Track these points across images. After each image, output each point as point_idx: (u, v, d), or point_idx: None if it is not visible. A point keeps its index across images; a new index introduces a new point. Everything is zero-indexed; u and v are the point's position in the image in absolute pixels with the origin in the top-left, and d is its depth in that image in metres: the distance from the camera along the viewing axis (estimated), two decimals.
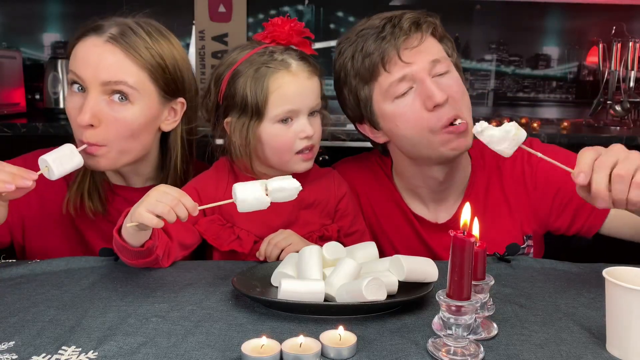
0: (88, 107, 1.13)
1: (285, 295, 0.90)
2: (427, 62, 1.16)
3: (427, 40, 1.18)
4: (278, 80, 1.17)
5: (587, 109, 2.86)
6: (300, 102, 1.18)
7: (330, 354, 0.76)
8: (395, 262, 0.96)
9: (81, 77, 1.14)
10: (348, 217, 1.31)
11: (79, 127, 1.15)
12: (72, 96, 1.18)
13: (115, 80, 1.13)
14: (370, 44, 1.17)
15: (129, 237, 1.03)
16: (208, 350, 0.78)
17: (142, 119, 1.17)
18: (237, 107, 1.19)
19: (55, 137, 1.27)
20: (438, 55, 1.18)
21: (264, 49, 1.20)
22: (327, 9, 2.92)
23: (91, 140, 1.14)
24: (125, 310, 0.91)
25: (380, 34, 1.16)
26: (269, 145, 1.19)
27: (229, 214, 1.22)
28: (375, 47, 1.16)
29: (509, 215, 1.29)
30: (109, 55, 1.14)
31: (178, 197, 0.97)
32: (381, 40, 1.16)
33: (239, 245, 1.20)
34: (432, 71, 1.17)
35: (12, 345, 0.79)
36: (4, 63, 2.48)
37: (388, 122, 1.21)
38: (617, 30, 2.81)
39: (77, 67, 1.16)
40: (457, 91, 1.18)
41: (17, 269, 1.08)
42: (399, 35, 1.15)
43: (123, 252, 1.06)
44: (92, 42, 1.16)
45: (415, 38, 1.16)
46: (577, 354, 0.78)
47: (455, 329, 0.74)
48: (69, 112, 1.18)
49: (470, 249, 0.72)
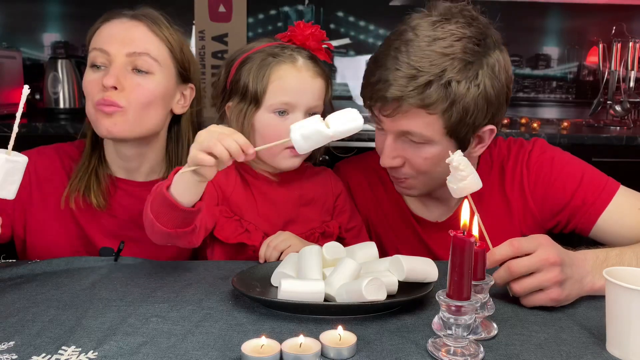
0: (113, 72, 1.18)
1: (285, 295, 0.90)
2: (396, 129, 1.13)
3: (407, 114, 1.10)
4: (280, 71, 1.19)
5: (587, 109, 2.86)
6: (298, 97, 1.18)
7: (330, 354, 0.76)
8: (395, 262, 0.96)
9: (107, 50, 1.19)
10: (346, 213, 1.32)
11: (101, 90, 1.18)
12: (91, 73, 1.21)
13: (139, 52, 1.20)
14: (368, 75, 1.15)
15: (181, 195, 0.97)
16: (208, 350, 0.78)
17: (161, 89, 1.22)
18: (239, 92, 1.22)
19: (55, 137, 1.27)
20: (415, 129, 1.11)
21: (279, 44, 1.23)
22: (327, 9, 2.92)
23: (114, 99, 1.17)
24: (125, 310, 0.91)
25: (372, 77, 1.13)
26: (261, 134, 1.20)
27: (238, 207, 1.22)
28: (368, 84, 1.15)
29: (509, 217, 1.29)
30: (134, 30, 1.22)
31: (228, 133, 0.95)
32: (370, 87, 1.14)
33: (247, 238, 1.20)
34: (403, 137, 1.14)
35: (12, 345, 0.79)
36: (4, 63, 2.49)
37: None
38: (617, 30, 2.80)
39: (103, 42, 1.20)
40: (420, 164, 1.16)
41: (17, 269, 1.08)
42: (378, 98, 1.11)
43: (168, 215, 0.99)
44: (118, 21, 1.23)
45: (390, 107, 1.10)
46: (577, 354, 0.78)
47: (455, 329, 0.74)
48: (87, 85, 1.22)
49: (470, 249, 0.72)
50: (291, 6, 2.90)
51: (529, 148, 1.30)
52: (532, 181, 1.27)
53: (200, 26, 2.57)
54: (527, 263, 0.92)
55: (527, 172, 1.28)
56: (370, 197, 1.37)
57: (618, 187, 1.22)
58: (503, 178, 1.30)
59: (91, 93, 1.20)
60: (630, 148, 2.29)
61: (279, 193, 1.26)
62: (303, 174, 1.29)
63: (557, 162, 1.26)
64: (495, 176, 1.31)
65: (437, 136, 1.12)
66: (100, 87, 1.18)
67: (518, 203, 1.28)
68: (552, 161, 1.27)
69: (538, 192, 1.27)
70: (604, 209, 1.20)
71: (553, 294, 0.92)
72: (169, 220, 1.00)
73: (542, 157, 1.27)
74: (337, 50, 2.93)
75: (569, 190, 1.23)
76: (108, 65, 1.20)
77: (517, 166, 1.29)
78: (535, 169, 1.27)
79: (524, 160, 1.29)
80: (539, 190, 1.27)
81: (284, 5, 2.90)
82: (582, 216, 1.23)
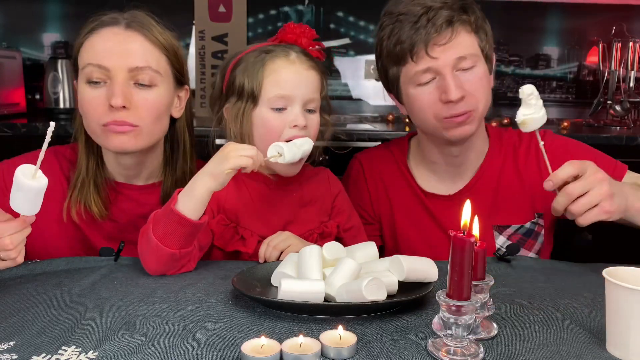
0: (119, 90, 1.14)
1: (285, 295, 0.90)
2: (452, 58, 1.22)
3: (459, 36, 1.22)
4: (274, 65, 1.20)
5: (587, 109, 2.86)
6: (294, 89, 1.19)
7: (330, 354, 0.76)
8: (395, 262, 0.96)
9: (106, 66, 1.15)
10: (344, 213, 1.33)
11: (108, 110, 1.15)
12: (90, 90, 1.17)
13: (142, 66, 1.17)
14: (405, 31, 1.22)
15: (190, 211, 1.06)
16: (208, 350, 0.78)
17: (165, 100, 1.22)
18: (235, 92, 1.22)
19: (55, 137, 1.26)
20: (466, 51, 1.23)
21: (270, 43, 1.24)
22: (327, 9, 2.92)
23: (127, 119, 1.16)
24: (125, 310, 0.91)
25: (415, 24, 1.21)
26: (258, 130, 1.21)
27: (234, 213, 1.23)
28: (408, 36, 1.22)
29: (521, 192, 1.36)
30: (132, 42, 1.17)
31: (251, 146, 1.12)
32: (414, 32, 1.21)
33: (242, 245, 1.21)
34: (457, 66, 1.23)
35: (12, 345, 0.79)
36: (4, 63, 2.48)
37: (408, 102, 1.31)
38: (617, 30, 2.81)
39: (99, 57, 1.16)
40: (477, 88, 1.24)
41: (17, 269, 1.08)
42: (431, 30, 1.20)
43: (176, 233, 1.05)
44: (110, 31, 1.18)
45: (444, 36, 1.21)
46: (577, 354, 0.78)
47: (455, 329, 0.74)
48: (87, 104, 1.17)
49: (470, 249, 0.72)
50: (291, 6, 2.90)
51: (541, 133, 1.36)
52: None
53: (200, 26, 2.57)
54: (582, 184, 1.04)
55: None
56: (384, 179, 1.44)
57: (627, 168, 1.34)
58: (516, 158, 1.38)
59: (95, 113, 1.16)
60: (630, 148, 2.29)
61: (278, 194, 1.26)
62: (302, 175, 1.29)
63: (570, 144, 1.38)
64: (508, 156, 1.39)
65: (480, 55, 1.26)
66: (106, 107, 1.15)
67: (533, 179, 1.35)
68: (565, 143, 1.37)
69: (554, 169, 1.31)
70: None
71: (606, 207, 1.04)
72: (175, 239, 1.05)
73: (556, 142, 1.36)
74: (337, 50, 2.92)
75: None
76: (107, 80, 1.16)
77: (531, 148, 1.38)
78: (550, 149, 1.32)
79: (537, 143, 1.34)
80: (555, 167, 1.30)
81: (284, 5, 2.90)
82: None
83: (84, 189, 1.23)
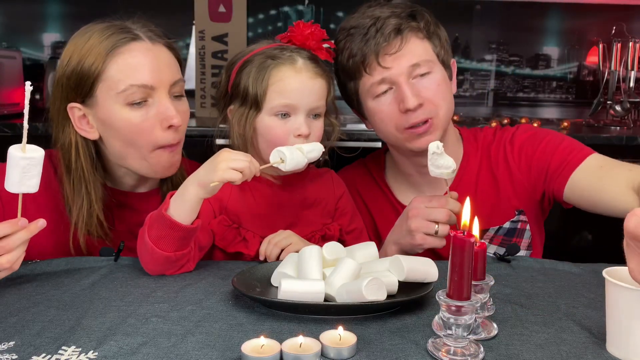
0: (172, 109, 1.14)
1: (285, 295, 0.90)
2: (405, 66, 1.22)
3: (409, 44, 1.23)
4: (280, 73, 1.18)
5: (587, 109, 2.86)
6: (298, 99, 1.18)
7: (330, 354, 0.76)
8: (395, 262, 0.96)
9: (147, 84, 1.13)
10: (347, 215, 1.32)
11: (164, 130, 1.15)
12: (132, 112, 1.13)
13: (177, 79, 1.18)
14: (355, 44, 1.24)
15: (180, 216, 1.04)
16: (208, 350, 0.78)
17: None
18: (239, 96, 1.21)
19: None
20: (419, 58, 1.23)
21: (278, 45, 1.23)
22: (327, 9, 2.92)
23: (177, 139, 1.17)
24: (125, 310, 0.91)
25: (365, 36, 1.23)
26: (263, 137, 1.20)
27: (236, 214, 1.22)
28: (359, 49, 1.23)
29: (498, 193, 1.34)
30: (164, 56, 1.18)
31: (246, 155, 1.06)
32: (364, 43, 1.22)
33: (244, 247, 1.21)
34: (412, 74, 1.23)
35: (12, 345, 0.79)
36: (4, 63, 2.48)
37: (369, 115, 1.31)
38: (617, 30, 2.80)
39: (137, 77, 1.12)
40: (435, 94, 1.24)
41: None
42: (380, 40, 1.21)
43: (168, 237, 1.04)
44: (139, 47, 1.14)
45: (394, 45, 1.22)
46: (577, 354, 0.78)
47: (455, 329, 0.74)
48: (137, 128, 1.13)
49: (470, 249, 0.72)
50: (291, 6, 2.90)
51: (512, 130, 1.38)
52: (515, 154, 1.33)
53: (200, 26, 2.57)
54: None
55: (510, 147, 1.35)
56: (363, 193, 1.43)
57: (593, 152, 1.27)
58: (489, 159, 1.36)
59: (148, 136, 1.14)
60: (630, 148, 2.29)
61: (282, 196, 1.26)
62: (306, 176, 1.29)
63: (539, 134, 1.34)
64: (482, 158, 1.37)
65: (435, 61, 1.25)
66: (163, 128, 1.15)
67: (504, 177, 1.34)
68: (534, 134, 1.35)
69: (523, 163, 1.33)
70: (576, 167, 1.23)
71: None
72: (169, 243, 1.04)
73: (525, 134, 1.35)
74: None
75: (549, 154, 1.29)
76: (147, 99, 1.13)
77: (501, 145, 1.36)
78: (518, 142, 1.34)
79: (507, 138, 1.36)
80: (524, 161, 1.33)
81: (284, 5, 2.90)
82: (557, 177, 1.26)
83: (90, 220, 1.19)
